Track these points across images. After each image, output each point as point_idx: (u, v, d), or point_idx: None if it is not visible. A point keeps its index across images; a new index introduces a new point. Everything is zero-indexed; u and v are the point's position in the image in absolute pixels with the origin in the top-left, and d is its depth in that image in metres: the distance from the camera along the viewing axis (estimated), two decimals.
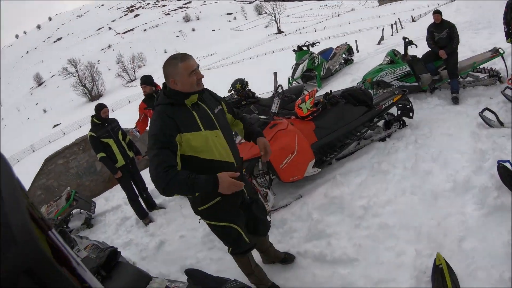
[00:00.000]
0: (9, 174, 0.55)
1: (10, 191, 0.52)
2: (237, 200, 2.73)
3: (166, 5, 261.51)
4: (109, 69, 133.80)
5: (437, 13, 6.92)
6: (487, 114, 5.20)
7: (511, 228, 2.99)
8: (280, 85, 6.16)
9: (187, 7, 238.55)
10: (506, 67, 6.89)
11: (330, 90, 5.70)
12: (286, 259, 3.56)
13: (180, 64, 2.35)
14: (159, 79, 6.31)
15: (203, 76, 2.45)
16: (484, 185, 3.60)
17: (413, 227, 3.45)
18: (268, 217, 3.48)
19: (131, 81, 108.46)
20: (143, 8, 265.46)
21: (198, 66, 2.43)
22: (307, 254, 3.56)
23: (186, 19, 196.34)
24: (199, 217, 2.77)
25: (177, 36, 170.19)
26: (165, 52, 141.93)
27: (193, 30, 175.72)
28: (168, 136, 2.27)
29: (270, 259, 3.55)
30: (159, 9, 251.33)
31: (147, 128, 6.00)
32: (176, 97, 2.40)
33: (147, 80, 5.81)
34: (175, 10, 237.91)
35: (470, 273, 2.70)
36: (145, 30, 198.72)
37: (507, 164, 3.49)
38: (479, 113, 5.26)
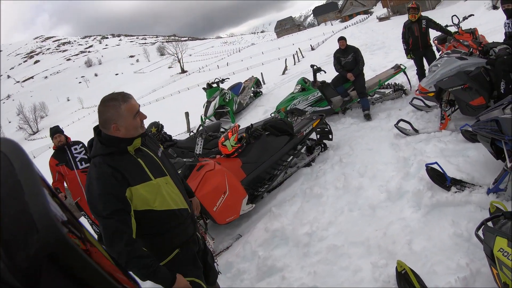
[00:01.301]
0: (28, 165, 0.58)
1: (29, 181, 0.54)
2: (194, 247, 2.56)
3: (67, 49, 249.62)
4: (9, 122, 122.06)
5: (342, 39, 7.76)
6: (401, 124, 5.80)
7: (452, 220, 3.35)
8: (201, 125, 6.20)
9: (89, 51, 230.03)
10: (409, 80, 7.91)
11: (251, 124, 5.87)
12: None
13: (123, 105, 2.11)
14: (64, 130, 5.93)
15: (146, 117, 2.27)
16: (416, 189, 3.99)
17: (361, 242, 3.64)
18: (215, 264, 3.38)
19: (34, 133, 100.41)
20: (43, 53, 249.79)
21: (139, 105, 2.26)
22: None
23: (88, 64, 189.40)
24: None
25: (80, 82, 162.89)
26: (68, 100, 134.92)
27: (96, 75, 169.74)
28: (118, 194, 2.06)
29: None
30: (60, 55, 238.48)
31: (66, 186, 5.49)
32: (118, 145, 2.17)
33: (59, 129, 5.45)
34: (77, 55, 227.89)
35: (428, 270, 2.91)
36: (46, 77, 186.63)
37: (435, 166, 3.94)
38: (394, 125, 5.85)
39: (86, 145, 2.40)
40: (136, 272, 2.04)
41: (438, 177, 3.92)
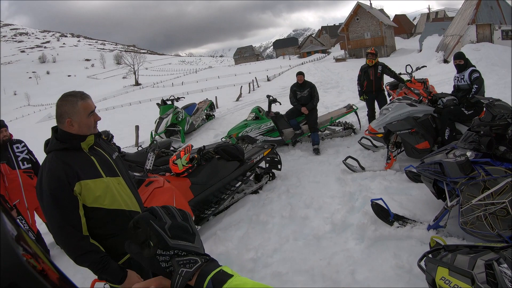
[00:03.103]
0: None
1: None
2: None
3: (23, 41, 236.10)
4: None
5: (300, 74, 8.09)
6: (349, 161, 6.07)
7: (394, 253, 3.54)
8: (155, 141, 6.09)
9: (45, 47, 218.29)
10: (359, 120, 8.37)
11: (204, 146, 5.89)
12: None
13: (80, 102, 2.23)
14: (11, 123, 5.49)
15: (100, 119, 2.36)
16: (361, 222, 4.19)
17: (305, 270, 3.71)
18: None
19: None
20: None
21: (95, 107, 2.35)
22: None
23: (42, 60, 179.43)
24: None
25: (30, 77, 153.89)
26: (15, 94, 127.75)
27: (48, 73, 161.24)
28: (66, 190, 2.13)
29: None
30: (15, 45, 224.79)
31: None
32: (71, 141, 2.25)
33: (4, 123, 5.00)
34: (32, 48, 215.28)
35: None
36: None
37: (380, 201, 4.16)
38: (343, 161, 6.13)
39: (43, 144, 2.38)
40: (87, 267, 2.16)
41: (382, 212, 4.17)
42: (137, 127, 12.17)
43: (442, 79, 12.81)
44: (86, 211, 2.23)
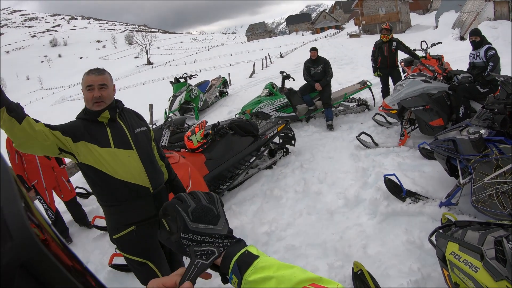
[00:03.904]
0: (3, 167, 0.54)
1: (4, 185, 0.51)
2: (153, 231, 2.54)
3: (33, 26, 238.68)
4: None
5: (314, 50, 7.96)
6: (363, 137, 6.06)
7: (405, 228, 3.59)
8: (170, 117, 6.11)
9: (56, 31, 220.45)
10: (373, 97, 8.25)
11: (218, 122, 5.90)
12: None
13: (84, 76, 2.37)
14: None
15: (99, 95, 2.35)
16: (373, 197, 4.22)
17: (318, 244, 3.78)
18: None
19: None
20: (8, 26, 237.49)
21: (103, 84, 2.37)
22: None
23: (53, 43, 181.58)
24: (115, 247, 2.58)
25: (42, 61, 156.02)
26: (28, 79, 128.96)
27: (60, 56, 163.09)
28: (68, 129, 2.31)
29: None
30: (25, 30, 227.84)
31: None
32: (90, 114, 2.39)
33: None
34: (43, 32, 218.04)
35: (382, 273, 3.09)
36: (8, 51, 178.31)
37: (393, 177, 4.17)
38: (356, 136, 6.11)
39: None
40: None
41: (395, 188, 4.19)
42: (151, 106, 12.21)
43: (458, 56, 12.52)
44: (91, 170, 2.36)
